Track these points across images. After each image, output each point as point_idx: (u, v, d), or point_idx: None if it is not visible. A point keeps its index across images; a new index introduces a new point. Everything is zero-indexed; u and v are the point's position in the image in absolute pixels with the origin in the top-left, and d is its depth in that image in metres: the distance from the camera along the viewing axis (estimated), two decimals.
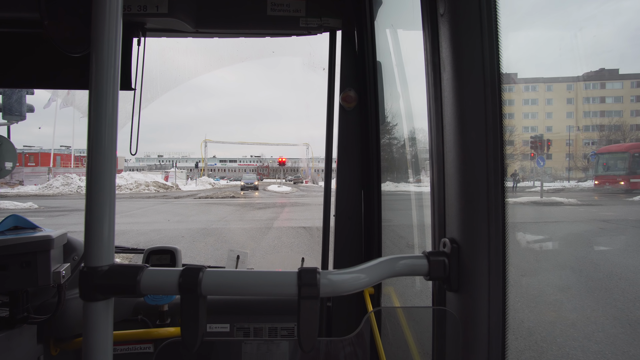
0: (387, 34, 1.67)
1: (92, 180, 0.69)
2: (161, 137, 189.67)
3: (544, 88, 10.48)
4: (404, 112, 1.78)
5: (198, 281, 0.70)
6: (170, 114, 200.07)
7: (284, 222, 13.39)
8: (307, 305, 0.70)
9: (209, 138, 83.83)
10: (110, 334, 0.72)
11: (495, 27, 0.77)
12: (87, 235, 0.69)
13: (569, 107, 14.53)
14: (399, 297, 1.71)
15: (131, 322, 1.71)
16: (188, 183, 46.52)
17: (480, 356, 0.77)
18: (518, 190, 18.02)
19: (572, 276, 5.70)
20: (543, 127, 13.63)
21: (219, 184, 53.74)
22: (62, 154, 47.63)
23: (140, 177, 36.70)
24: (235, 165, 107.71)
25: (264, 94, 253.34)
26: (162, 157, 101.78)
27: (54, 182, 30.50)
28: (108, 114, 0.70)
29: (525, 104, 10.48)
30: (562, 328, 4.04)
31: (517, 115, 9.70)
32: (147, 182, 35.01)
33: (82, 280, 0.68)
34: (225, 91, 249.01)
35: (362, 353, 0.88)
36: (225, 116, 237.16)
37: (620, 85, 28.09)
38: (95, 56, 0.70)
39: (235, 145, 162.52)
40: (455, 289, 0.79)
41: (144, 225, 11.59)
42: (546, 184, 10.69)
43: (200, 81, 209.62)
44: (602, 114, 21.70)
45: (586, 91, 15.70)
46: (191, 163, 79.84)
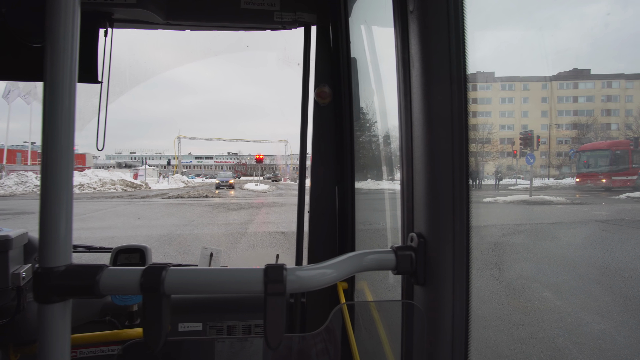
0: (361, 30, 1.67)
1: (47, 176, 0.66)
2: (134, 134, 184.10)
3: (520, 87, 10.77)
4: (378, 108, 1.80)
5: (161, 280, 0.68)
6: (145, 109, 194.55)
7: (260, 226, 12.00)
8: (274, 302, 0.70)
9: (183, 134, 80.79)
10: (67, 338, 0.69)
11: (462, 25, 0.78)
12: (42, 234, 0.66)
13: (544, 106, 15.01)
14: (372, 291, 1.73)
15: (98, 323, 1.66)
16: (160, 181, 43.69)
17: (444, 348, 0.79)
18: (501, 188, 17.65)
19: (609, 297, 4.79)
20: (519, 125, 14.00)
21: (193, 182, 50.85)
22: (23, 151, 44.19)
23: (105, 175, 34.16)
24: (211, 163, 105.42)
25: (241, 91, 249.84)
26: (134, 154, 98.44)
27: (6, 181, 27.33)
28: (65, 107, 0.67)
29: (503, 102, 10.68)
30: None
31: (494, 114, 9.85)
32: (114, 180, 32.43)
33: (37, 281, 0.65)
34: (201, 87, 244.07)
35: (332, 346, 0.88)
36: (201, 112, 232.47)
37: (592, 85, 29.18)
38: (51, 46, 0.66)
39: (211, 142, 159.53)
40: (422, 282, 0.81)
41: (95, 232, 10.31)
42: (527, 182, 10.66)
43: (175, 76, 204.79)
44: (575, 112, 22.48)
45: (560, 90, 16.20)
46: (166, 160, 76.26)
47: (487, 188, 14.32)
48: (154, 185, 38.15)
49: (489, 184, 14.57)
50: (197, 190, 31.80)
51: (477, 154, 10.30)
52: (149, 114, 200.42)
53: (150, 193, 28.84)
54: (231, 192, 31.48)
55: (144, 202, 21.28)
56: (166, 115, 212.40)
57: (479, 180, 10.49)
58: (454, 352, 0.79)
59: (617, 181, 15.55)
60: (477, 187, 10.94)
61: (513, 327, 4.06)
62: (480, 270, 5.87)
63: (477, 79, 8.63)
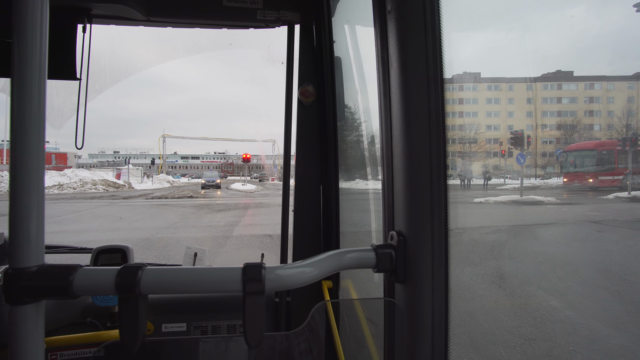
0: (345, 30, 1.68)
1: (17, 174, 0.65)
2: (118, 133, 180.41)
3: (505, 88, 10.76)
4: (361, 108, 1.81)
5: (137, 280, 0.67)
6: (129, 108, 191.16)
7: (246, 228, 11.66)
8: (252, 301, 0.70)
9: (168, 133, 78.51)
10: (41, 339, 0.68)
11: (439, 26, 0.79)
12: (12, 233, 0.64)
13: (529, 107, 15.09)
14: (356, 289, 1.73)
15: (79, 325, 1.63)
16: (144, 181, 42.64)
17: (424, 344, 0.80)
18: (489, 188, 17.35)
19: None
20: (505, 125, 14.00)
21: (179, 181, 49.86)
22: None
23: (86, 174, 33.03)
24: (197, 162, 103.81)
25: (227, 90, 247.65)
26: (118, 153, 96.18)
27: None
28: (34, 104, 0.65)
29: (489, 103, 10.62)
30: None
31: (480, 114, 9.78)
32: (95, 180, 31.42)
33: (7, 282, 0.64)
34: (187, 86, 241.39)
35: (315, 345, 0.88)
36: (187, 111, 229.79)
37: (575, 87, 29.57)
38: (18, 42, 0.65)
39: (198, 141, 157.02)
40: (402, 280, 0.81)
41: (71, 236, 9.73)
42: (514, 182, 10.46)
43: (161, 75, 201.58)
44: (560, 113, 22.69)
45: (544, 92, 16.26)
46: (150, 160, 74.30)
47: (476, 188, 14.24)
48: (138, 185, 37.46)
49: (478, 183, 14.49)
50: (182, 190, 31.12)
51: (464, 154, 10.23)
52: (134, 112, 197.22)
53: (133, 193, 27.76)
54: (217, 193, 30.69)
55: (126, 202, 20.37)
56: (151, 114, 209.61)
57: (467, 180, 10.44)
58: (434, 347, 0.80)
59: (604, 181, 15.76)
60: (466, 186, 10.85)
61: (525, 342, 3.65)
62: (480, 277, 5.54)
63: (463, 79, 8.58)
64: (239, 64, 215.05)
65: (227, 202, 21.07)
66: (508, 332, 3.86)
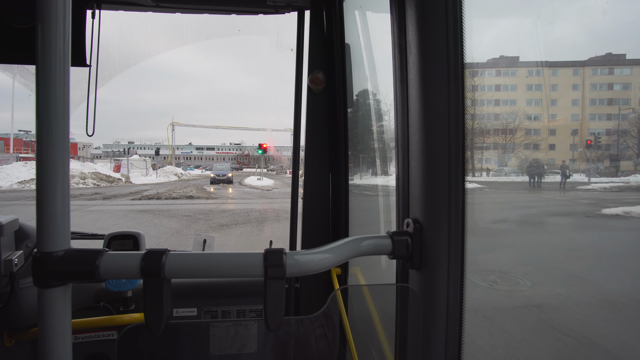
0: (356, 16, 1.66)
1: (43, 161, 0.65)
2: (136, 125, 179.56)
3: (548, 73, 9.84)
4: (372, 95, 1.80)
5: (161, 264, 0.68)
6: (146, 100, 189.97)
7: None
8: (273, 286, 0.71)
9: (182, 124, 74.91)
10: (68, 321, 0.70)
11: (460, 11, 0.78)
12: (40, 219, 0.66)
13: (575, 94, 13.83)
14: (364, 276, 1.76)
15: (93, 309, 1.66)
16: (149, 173, 36.51)
17: (439, 330, 0.82)
18: (569, 187, 11.50)
19: None
20: (547, 114, 12.69)
21: (190, 174, 43.43)
22: (19, 139, 42.36)
23: (75, 166, 27.56)
24: (213, 153, 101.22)
25: (242, 82, 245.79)
26: (132, 143, 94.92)
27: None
28: (58, 91, 0.66)
29: (529, 90, 9.72)
30: None
31: (519, 102, 9.01)
32: (84, 173, 26.33)
33: (35, 266, 0.65)
34: (202, 78, 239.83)
35: (329, 330, 0.90)
36: (202, 103, 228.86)
37: (630, 72, 27.15)
38: (42, 28, 0.65)
39: (214, 132, 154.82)
40: (417, 266, 0.83)
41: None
42: (595, 180, 7.72)
43: (175, 67, 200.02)
44: (610, 101, 20.82)
45: (593, 77, 14.64)
46: (167, 151, 65.67)
47: (549, 188, 9.01)
48: (139, 179, 31.92)
49: (548, 181, 9.60)
50: (186, 186, 25.80)
51: (518, 145, 8.58)
52: (150, 104, 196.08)
53: (124, 190, 22.47)
54: (229, 190, 24.64)
55: (103, 205, 15.06)
56: (167, 106, 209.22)
57: (537, 177, 7.73)
58: (448, 333, 0.82)
59: None
60: (536, 185, 7.84)
61: None
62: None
63: (498, 64, 7.81)
64: (253, 55, 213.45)
65: (236, 207, 15.05)
66: None
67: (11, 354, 1.49)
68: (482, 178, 9.47)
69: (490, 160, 10.39)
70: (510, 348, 2.95)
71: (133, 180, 30.78)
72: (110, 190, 22.92)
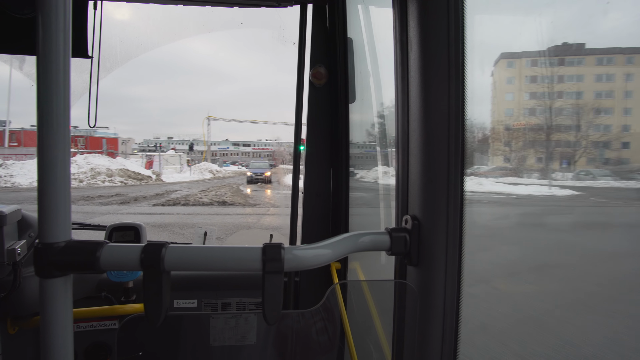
0: (358, 10, 1.65)
1: (44, 153, 0.66)
2: (175, 121, 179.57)
3: (622, 60, 8.03)
4: (374, 90, 1.79)
5: (161, 257, 0.69)
6: (186, 97, 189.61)
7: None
8: (271, 280, 0.72)
9: (218, 119, 71.55)
10: (69, 311, 0.71)
11: (462, 7, 0.78)
12: (41, 210, 0.66)
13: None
14: (364, 272, 1.77)
15: (94, 299, 1.68)
16: (184, 170, 32.99)
17: (435, 326, 0.82)
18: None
19: None
20: (620, 108, 10.67)
21: (226, 170, 39.69)
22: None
23: (102, 162, 25.08)
24: (249, 150, 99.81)
25: (280, 77, 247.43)
26: (172, 139, 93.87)
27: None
28: (59, 82, 0.66)
29: (598, 81, 8.08)
30: None
31: (587, 95, 7.53)
32: (111, 170, 23.80)
33: (37, 256, 0.66)
34: (239, 76, 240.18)
35: (330, 323, 0.91)
36: (239, 100, 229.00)
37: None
38: (43, 19, 0.65)
39: (248, 127, 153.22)
40: (415, 263, 0.83)
41: None
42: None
43: (211, 66, 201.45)
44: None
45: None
46: (202, 147, 61.92)
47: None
48: (171, 177, 28.16)
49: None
50: (220, 186, 22.59)
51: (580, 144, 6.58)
52: (189, 102, 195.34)
53: (150, 191, 18.99)
54: (267, 192, 20.66)
55: (115, 214, 12.05)
56: (205, 103, 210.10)
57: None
58: (445, 329, 0.82)
59: None
60: None
61: None
62: None
63: (558, 52, 6.37)
64: (289, 57, 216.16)
65: (282, 221, 11.32)
66: None
67: (14, 341, 1.51)
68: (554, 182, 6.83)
69: (546, 159, 8.10)
70: None
71: (165, 177, 27.45)
72: (135, 190, 19.60)
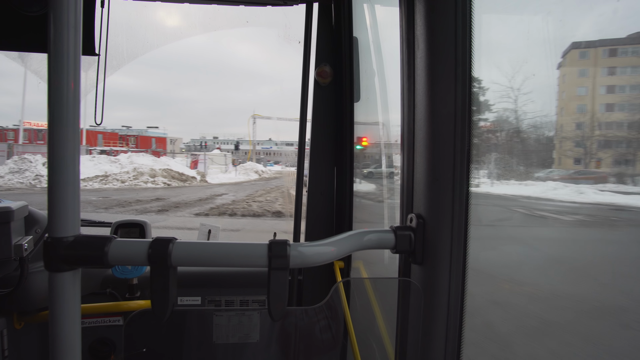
0: (364, 9, 1.65)
1: (55, 149, 0.67)
2: (221, 121, 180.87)
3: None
4: (379, 89, 1.79)
5: (168, 252, 0.70)
6: (231, 99, 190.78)
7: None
8: (277, 276, 0.72)
9: (258, 113, 70.06)
10: (77, 304, 0.72)
11: (470, 6, 0.78)
12: (51, 205, 0.67)
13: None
14: (367, 270, 1.77)
15: (99, 295, 1.69)
16: (229, 170, 31.63)
17: (439, 325, 0.82)
18: None
19: None
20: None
21: (270, 170, 38.03)
22: (104, 132, 38.95)
23: (146, 161, 23.35)
24: (291, 149, 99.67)
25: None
26: (217, 138, 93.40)
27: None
28: (70, 79, 0.67)
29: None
30: None
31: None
32: (155, 170, 22.20)
33: (46, 251, 0.67)
34: (277, 77, 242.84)
35: (333, 321, 0.91)
36: (282, 100, 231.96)
37: None
38: (54, 16, 0.65)
39: (292, 125, 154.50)
40: (420, 261, 0.83)
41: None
42: None
43: (254, 69, 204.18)
44: None
45: None
46: (247, 146, 60.42)
47: None
48: (215, 177, 26.23)
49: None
50: (267, 189, 20.06)
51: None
52: (234, 102, 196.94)
53: (194, 195, 16.30)
54: None
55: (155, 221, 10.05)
56: (249, 104, 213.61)
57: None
58: (449, 329, 0.82)
59: None
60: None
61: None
62: None
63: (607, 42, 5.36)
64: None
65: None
66: None
67: (21, 336, 1.53)
68: None
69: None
70: None
71: (209, 178, 25.53)
72: (177, 193, 17.38)
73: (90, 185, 19.30)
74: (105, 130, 39.06)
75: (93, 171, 20.63)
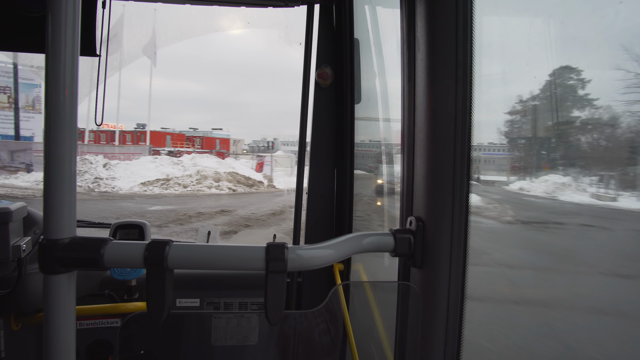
0: (366, 11, 1.64)
1: (51, 150, 0.66)
2: (279, 123, 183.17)
3: None
4: (380, 91, 1.79)
5: (164, 255, 0.69)
6: (288, 102, 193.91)
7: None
8: (275, 279, 0.72)
9: None
10: (72, 307, 0.71)
11: (471, 8, 0.77)
12: (47, 206, 0.67)
13: None
14: (367, 273, 1.76)
15: (98, 296, 1.69)
16: (294, 173, 12.94)
17: (438, 329, 0.82)
18: None
19: None
20: None
21: None
22: (172, 134, 40.18)
23: (210, 164, 20.73)
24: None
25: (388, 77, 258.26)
26: (276, 140, 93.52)
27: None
28: (67, 80, 0.66)
29: None
30: None
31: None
32: (219, 173, 19.59)
33: (42, 253, 0.66)
34: None
35: (332, 325, 0.91)
36: None
37: None
38: (52, 17, 0.65)
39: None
40: (419, 265, 0.82)
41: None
42: None
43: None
44: None
45: None
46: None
47: None
48: (282, 181, 22.28)
49: None
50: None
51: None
52: (290, 106, 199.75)
53: (263, 206, 13.02)
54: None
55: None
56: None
57: None
58: (448, 333, 0.81)
59: None
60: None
61: None
62: None
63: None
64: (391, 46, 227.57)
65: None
66: None
67: (18, 337, 1.52)
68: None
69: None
70: None
71: (276, 183, 22.03)
72: (244, 202, 14.35)
73: (150, 191, 16.98)
74: (174, 131, 42.28)
75: (154, 174, 18.49)
